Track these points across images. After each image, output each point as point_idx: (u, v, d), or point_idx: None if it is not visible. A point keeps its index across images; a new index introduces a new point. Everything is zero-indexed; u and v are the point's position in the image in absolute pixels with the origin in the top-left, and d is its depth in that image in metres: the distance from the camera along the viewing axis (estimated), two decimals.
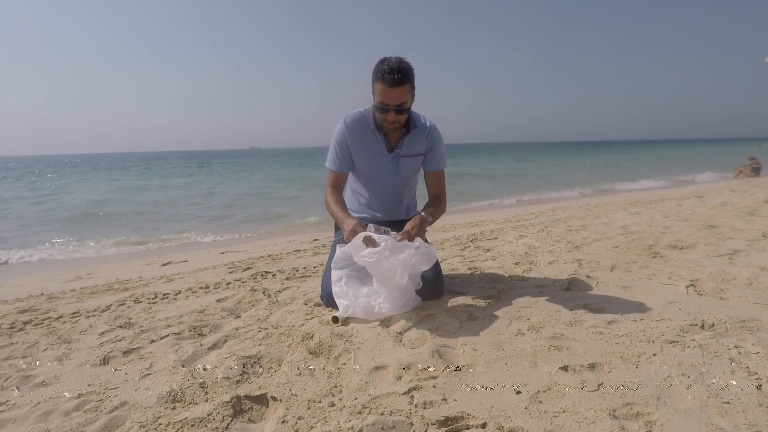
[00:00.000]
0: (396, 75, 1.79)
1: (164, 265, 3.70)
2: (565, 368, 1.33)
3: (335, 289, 1.85)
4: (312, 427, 1.11)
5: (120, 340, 1.72)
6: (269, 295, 2.21)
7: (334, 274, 1.88)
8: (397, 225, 2.23)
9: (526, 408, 1.14)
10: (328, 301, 1.95)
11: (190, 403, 1.23)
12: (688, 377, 1.25)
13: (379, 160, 2.07)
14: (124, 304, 2.26)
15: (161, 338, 1.72)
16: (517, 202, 8.90)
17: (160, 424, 1.14)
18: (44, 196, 13.07)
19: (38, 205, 10.92)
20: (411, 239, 1.79)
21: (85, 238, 6.30)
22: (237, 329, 1.77)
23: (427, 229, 2.42)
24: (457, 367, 1.37)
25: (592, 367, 1.33)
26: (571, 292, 2.08)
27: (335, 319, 1.73)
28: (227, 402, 1.20)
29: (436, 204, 2.10)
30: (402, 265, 1.71)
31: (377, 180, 2.14)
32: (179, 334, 1.75)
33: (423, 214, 1.96)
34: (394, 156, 2.08)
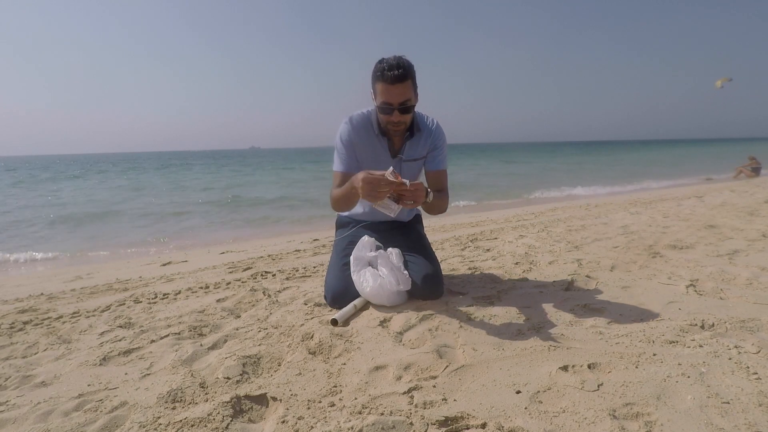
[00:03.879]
0: (396, 71, 1.73)
1: (164, 265, 3.70)
2: (565, 368, 1.33)
3: (355, 277, 1.91)
4: (312, 427, 1.11)
5: (120, 340, 1.72)
6: (269, 295, 2.21)
7: (354, 268, 1.94)
8: (396, 226, 2.23)
9: (526, 408, 1.14)
10: (333, 300, 1.94)
11: (190, 403, 1.23)
12: (688, 377, 1.25)
13: (382, 165, 1.98)
14: (124, 304, 2.26)
15: (161, 338, 1.72)
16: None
17: (160, 424, 1.14)
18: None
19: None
20: (407, 187, 1.66)
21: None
22: (237, 329, 1.77)
23: (425, 226, 2.42)
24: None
25: (592, 367, 1.33)
26: (571, 292, 2.08)
27: (334, 322, 1.73)
28: (227, 402, 1.20)
29: (439, 193, 2.02)
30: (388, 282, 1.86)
31: None
32: (179, 334, 1.75)
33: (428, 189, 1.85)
34: (398, 162, 2.03)
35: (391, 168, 1.64)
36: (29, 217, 8.38)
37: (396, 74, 1.73)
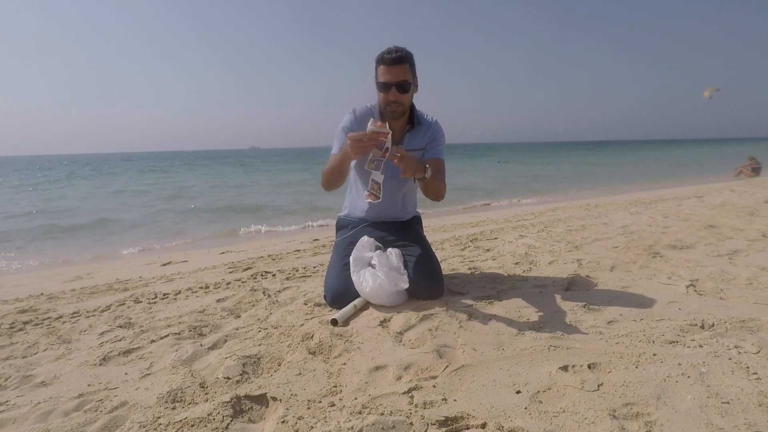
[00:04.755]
0: (395, 54, 1.90)
1: (164, 265, 3.70)
2: (565, 368, 1.33)
3: (354, 278, 1.92)
4: (312, 427, 1.11)
5: (120, 340, 1.72)
6: (269, 295, 2.21)
7: (353, 269, 1.95)
8: (396, 227, 2.23)
9: (526, 408, 1.14)
10: (333, 300, 1.95)
11: (190, 403, 1.23)
12: (688, 377, 1.25)
13: None
14: (124, 304, 2.26)
15: (161, 338, 1.72)
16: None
17: (160, 424, 1.14)
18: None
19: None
20: (397, 151, 1.76)
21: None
22: (237, 329, 1.77)
23: (425, 226, 2.42)
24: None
25: (592, 367, 1.33)
26: (571, 292, 2.08)
27: (334, 322, 1.73)
28: (227, 402, 1.20)
29: (439, 177, 2.05)
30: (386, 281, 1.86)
31: None
32: (179, 334, 1.75)
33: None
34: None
35: (372, 119, 1.74)
36: (28, 223, 8.37)
37: (395, 56, 1.90)
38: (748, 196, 6.02)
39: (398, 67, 1.91)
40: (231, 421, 1.14)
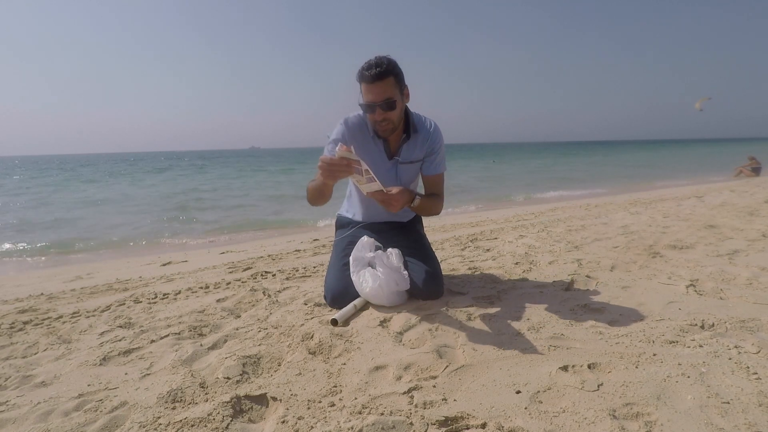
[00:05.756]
0: (375, 70, 1.74)
1: (164, 265, 3.69)
2: (565, 368, 1.33)
3: (354, 278, 1.91)
4: (312, 427, 1.11)
5: (120, 340, 1.72)
6: (269, 295, 2.21)
7: (353, 269, 1.94)
8: (396, 226, 2.23)
9: (526, 408, 1.14)
10: (333, 300, 1.94)
11: (190, 403, 1.23)
12: (688, 377, 1.25)
13: (378, 167, 1.98)
14: (124, 304, 2.26)
15: (161, 338, 1.72)
16: None
17: (160, 424, 1.14)
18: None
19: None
20: (386, 192, 1.73)
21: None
22: (237, 329, 1.77)
23: (425, 225, 2.41)
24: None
25: (592, 367, 1.33)
26: (571, 292, 2.08)
27: (334, 322, 1.73)
28: (227, 402, 1.20)
29: (432, 197, 2.05)
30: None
31: None
32: (179, 334, 1.75)
33: (416, 193, 1.90)
34: (394, 163, 2.03)
35: (340, 144, 1.59)
36: (26, 224, 8.37)
37: (375, 73, 1.74)
38: (748, 196, 6.02)
39: (380, 84, 1.75)
40: (231, 421, 1.14)
